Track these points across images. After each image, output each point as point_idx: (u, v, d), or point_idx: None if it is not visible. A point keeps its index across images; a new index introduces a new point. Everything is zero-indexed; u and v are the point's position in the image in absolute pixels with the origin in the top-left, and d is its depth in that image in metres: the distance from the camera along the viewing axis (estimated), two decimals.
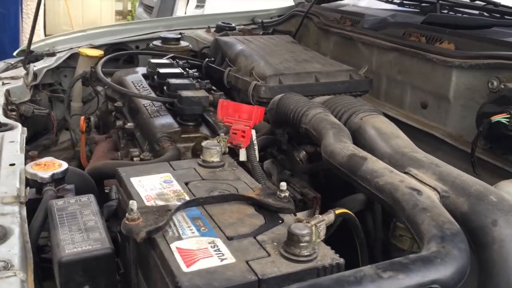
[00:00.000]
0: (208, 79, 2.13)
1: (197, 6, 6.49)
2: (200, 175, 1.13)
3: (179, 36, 2.76)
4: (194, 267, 0.80)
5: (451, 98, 1.71)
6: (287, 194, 1.01)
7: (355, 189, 1.68)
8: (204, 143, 1.19)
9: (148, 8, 7.16)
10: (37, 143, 2.63)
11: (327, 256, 0.85)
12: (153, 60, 2.25)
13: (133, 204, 0.91)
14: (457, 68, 1.67)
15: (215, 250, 0.85)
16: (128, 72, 2.41)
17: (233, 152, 1.39)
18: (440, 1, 2.17)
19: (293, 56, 1.98)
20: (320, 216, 0.90)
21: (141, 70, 2.41)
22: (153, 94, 2.04)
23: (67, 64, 2.85)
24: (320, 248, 0.86)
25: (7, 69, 2.50)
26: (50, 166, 1.27)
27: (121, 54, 2.59)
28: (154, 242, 0.87)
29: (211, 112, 1.86)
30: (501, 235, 0.86)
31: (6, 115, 1.85)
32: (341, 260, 0.84)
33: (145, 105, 1.97)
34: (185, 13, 6.39)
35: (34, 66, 2.57)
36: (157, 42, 2.74)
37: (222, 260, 0.82)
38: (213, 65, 2.19)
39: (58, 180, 1.25)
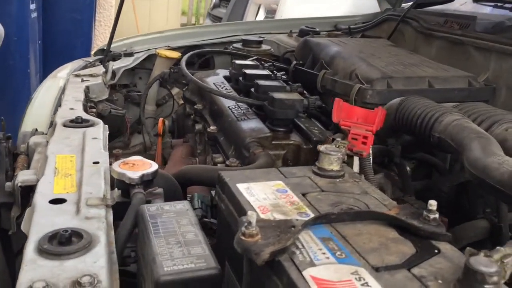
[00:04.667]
0: (296, 82, 1.96)
1: (266, 17, 6.37)
2: (318, 186, 0.94)
3: (261, 39, 2.60)
4: None
5: None
6: (437, 215, 0.80)
7: (474, 213, 1.44)
8: (322, 148, 0.99)
9: (216, 19, 7.12)
10: (110, 145, 2.53)
11: None
12: (238, 61, 2.10)
13: (252, 216, 0.72)
14: None
15: (362, 285, 0.64)
16: (208, 74, 2.27)
17: None
18: None
19: (398, 59, 1.77)
20: (503, 248, 0.68)
21: (222, 72, 2.27)
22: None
23: (143, 65, 2.76)
24: None
25: (85, 67, 2.42)
26: (140, 166, 1.11)
27: (203, 52, 2.46)
28: (279, 266, 0.68)
29: (303, 118, 1.67)
30: None
31: (86, 111, 1.73)
32: None
33: (230, 107, 1.81)
34: None
35: (113, 65, 2.48)
36: (238, 45, 2.60)
37: None
38: (303, 68, 2.00)
39: (147, 182, 1.09)
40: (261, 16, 6.38)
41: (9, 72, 4.51)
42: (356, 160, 1.14)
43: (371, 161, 1.17)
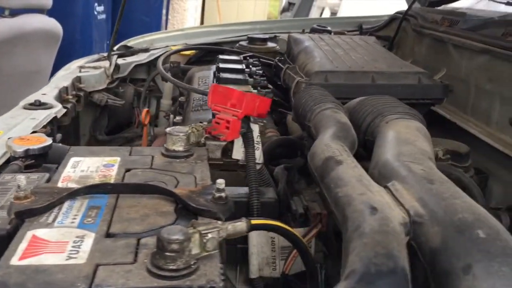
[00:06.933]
0: (278, 79, 1.96)
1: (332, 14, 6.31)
2: (152, 164, 0.96)
3: (267, 37, 2.61)
4: (26, 261, 0.63)
5: None
6: (223, 194, 0.79)
7: None
8: (168, 129, 1.01)
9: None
10: (119, 135, 2.68)
11: (207, 275, 0.62)
12: (221, 56, 2.14)
13: (20, 179, 0.77)
14: None
15: (73, 246, 0.67)
16: (202, 69, 2.33)
17: None
18: None
19: (363, 55, 1.71)
20: (218, 222, 0.67)
21: None
22: None
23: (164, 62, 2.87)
24: (205, 265, 0.63)
25: (98, 60, 2.58)
26: (32, 142, 1.19)
27: (189, 48, 2.54)
28: (21, 226, 0.72)
29: None
30: None
31: (60, 98, 1.87)
32: (220, 285, 0.60)
33: (195, 99, 1.86)
34: None
35: (124, 59, 2.63)
36: (244, 43, 2.63)
37: (69, 258, 0.64)
38: (279, 64, 2.00)
39: (36, 156, 1.17)
40: (326, 15, 6.32)
41: None
42: (237, 143, 1.15)
43: (259, 150, 1.17)
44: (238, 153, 1.16)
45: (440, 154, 1.35)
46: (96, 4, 5.01)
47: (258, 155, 1.18)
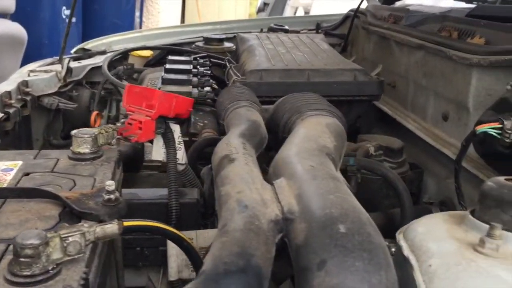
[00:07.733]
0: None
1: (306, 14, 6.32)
2: (54, 167, 0.94)
3: (223, 37, 2.60)
4: None
5: (471, 108, 1.30)
6: (112, 196, 0.78)
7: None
8: (74, 132, 0.99)
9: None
10: None
11: (65, 281, 0.60)
12: (170, 57, 2.12)
13: None
14: (477, 68, 1.26)
15: None
16: (154, 71, 2.32)
17: None
18: None
19: (305, 53, 1.70)
20: (85, 225, 0.65)
21: None
22: None
23: (122, 64, 2.84)
24: (68, 269, 0.62)
25: (52, 63, 2.54)
26: None
27: (139, 48, 2.51)
28: None
29: (201, 112, 1.66)
30: (321, 286, 0.54)
31: (1, 102, 1.83)
32: None
33: None
34: None
35: (80, 62, 2.59)
36: (200, 43, 2.62)
37: None
38: (227, 63, 1.99)
39: None
40: (299, 14, 6.33)
41: None
42: (156, 144, 1.13)
43: (182, 150, 1.15)
44: (158, 154, 1.14)
45: (371, 150, 1.35)
46: (64, 8, 4.95)
47: (181, 155, 1.16)
